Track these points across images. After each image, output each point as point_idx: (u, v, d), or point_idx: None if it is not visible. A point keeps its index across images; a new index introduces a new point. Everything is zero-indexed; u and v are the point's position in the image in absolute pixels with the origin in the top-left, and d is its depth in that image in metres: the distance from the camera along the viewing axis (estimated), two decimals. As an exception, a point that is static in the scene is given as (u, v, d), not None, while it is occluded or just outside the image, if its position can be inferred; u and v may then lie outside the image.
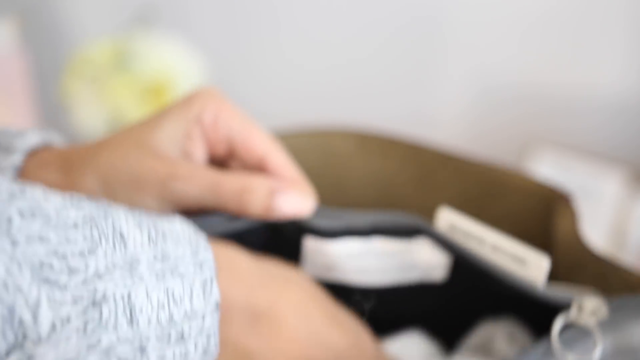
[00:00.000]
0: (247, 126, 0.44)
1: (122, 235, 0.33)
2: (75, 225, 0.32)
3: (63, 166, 0.42)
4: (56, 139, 0.45)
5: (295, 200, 0.42)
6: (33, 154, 0.43)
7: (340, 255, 0.43)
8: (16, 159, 0.42)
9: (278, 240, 0.44)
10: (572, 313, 0.35)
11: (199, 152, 0.44)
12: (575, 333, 0.35)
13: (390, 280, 0.44)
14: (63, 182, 0.42)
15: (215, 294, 0.35)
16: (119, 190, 0.42)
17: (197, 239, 0.36)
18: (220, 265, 0.37)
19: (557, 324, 0.35)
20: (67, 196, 0.33)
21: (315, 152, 0.51)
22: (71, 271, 0.31)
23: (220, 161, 0.45)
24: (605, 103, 0.92)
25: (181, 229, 0.36)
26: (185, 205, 0.42)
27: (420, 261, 0.43)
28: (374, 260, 0.44)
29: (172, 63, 0.93)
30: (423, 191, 0.50)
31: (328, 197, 0.50)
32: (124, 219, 0.34)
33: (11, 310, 0.28)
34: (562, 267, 0.45)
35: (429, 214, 0.47)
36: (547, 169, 0.86)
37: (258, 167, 0.44)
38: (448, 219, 0.42)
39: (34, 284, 0.29)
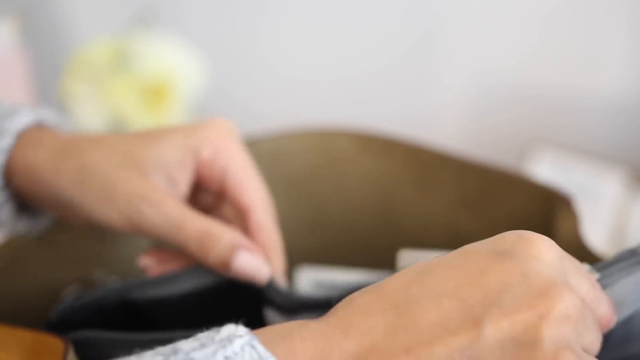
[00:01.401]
0: (244, 172, 0.43)
1: None
2: None
3: (53, 150, 0.42)
4: (49, 116, 0.45)
5: (253, 262, 0.41)
6: (24, 134, 0.43)
7: None
8: (6, 142, 0.42)
9: (239, 303, 0.42)
10: None
11: (184, 182, 0.43)
12: None
13: None
14: (49, 165, 0.42)
15: None
16: (90, 194, 0.41)
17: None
18: None
19: None
20: None
21: (316, 152, 0.51)
22: None
23: (214, 194, 0.44)
24: (605, 103, 0.92)
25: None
26: (146, 232, 0.41)
27: None
28: None
29: (172, 63, 0.93)
30: (423, 192, 0.50)
31: (328, 197, 0.50)
32: None
33: None
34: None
35: (429, 215, 0.47)
36: (546, 169, 0.86)
37: (239, 218, 0.43)
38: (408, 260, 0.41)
39: None
